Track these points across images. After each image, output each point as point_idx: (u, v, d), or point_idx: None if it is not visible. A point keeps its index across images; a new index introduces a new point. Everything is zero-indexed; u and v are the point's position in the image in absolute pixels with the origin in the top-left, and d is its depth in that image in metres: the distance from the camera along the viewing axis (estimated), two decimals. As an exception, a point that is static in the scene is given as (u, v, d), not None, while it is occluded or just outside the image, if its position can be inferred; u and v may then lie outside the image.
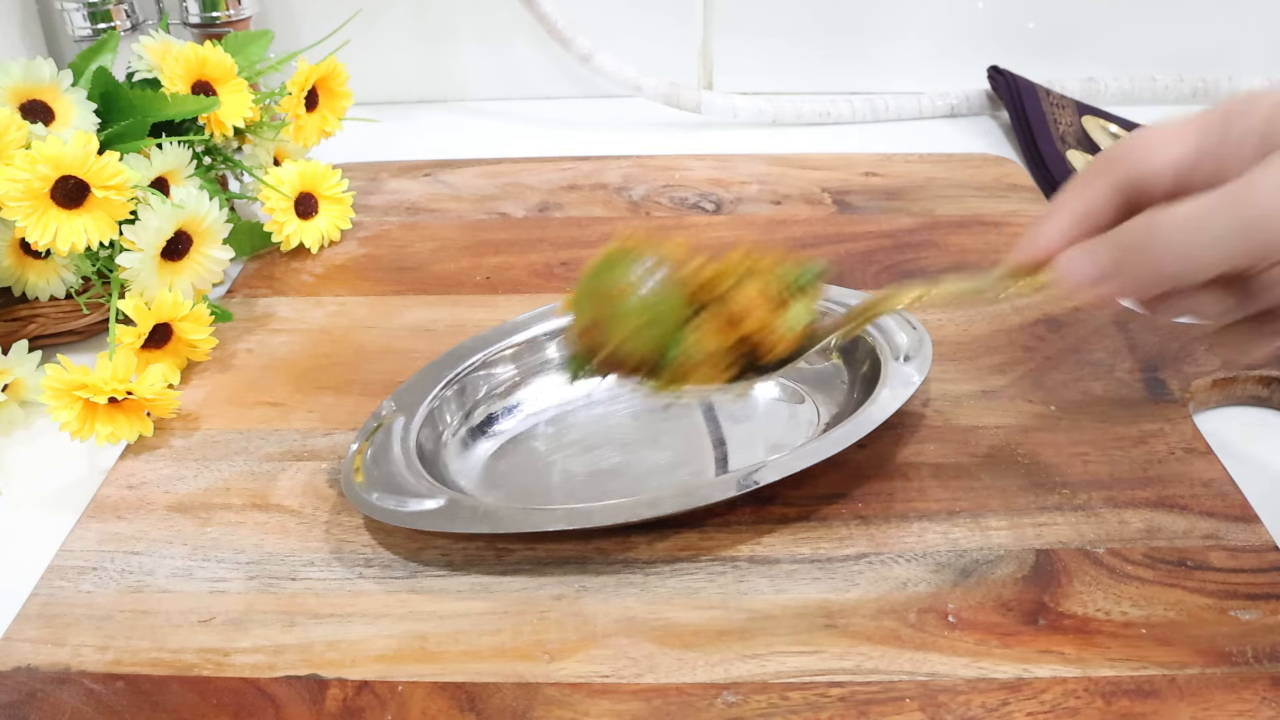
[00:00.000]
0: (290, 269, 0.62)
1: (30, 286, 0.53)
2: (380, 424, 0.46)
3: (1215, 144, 0.33)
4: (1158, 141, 0.34)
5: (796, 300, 0.37)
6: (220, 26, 0.76)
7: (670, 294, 0.36)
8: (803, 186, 0.70)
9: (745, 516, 0.43)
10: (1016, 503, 0.43)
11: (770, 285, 0.37)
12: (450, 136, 0.81)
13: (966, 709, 0.35)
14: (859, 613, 0.38)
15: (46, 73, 0.52)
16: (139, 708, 0.36)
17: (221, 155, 0.62)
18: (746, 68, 0.85)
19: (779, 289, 0.37)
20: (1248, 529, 0.41)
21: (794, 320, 0.37)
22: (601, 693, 0.36)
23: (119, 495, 0.45)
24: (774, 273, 0.37)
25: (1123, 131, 0.72)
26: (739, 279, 0.37)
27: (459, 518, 0.41)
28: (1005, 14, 0.82)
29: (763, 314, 0.37)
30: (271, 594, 0.40)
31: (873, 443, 0.45)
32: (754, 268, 0.37)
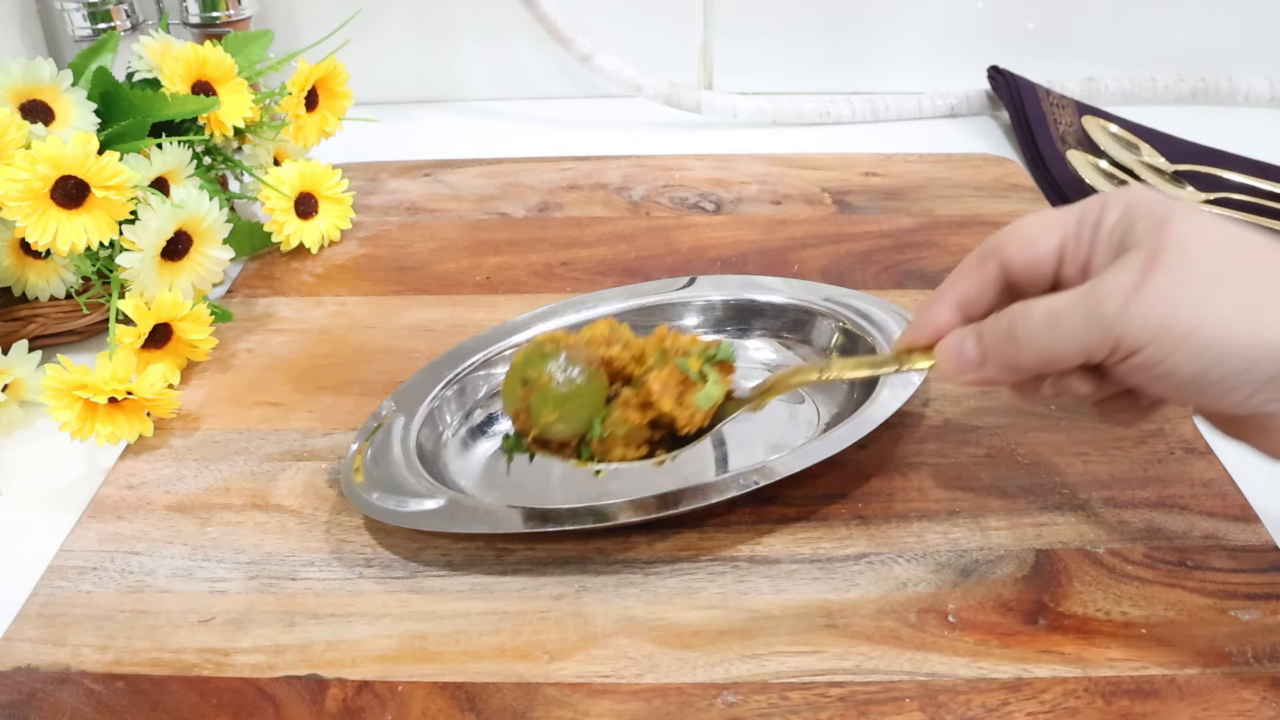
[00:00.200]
0: (290, 269, 0.62)
1: (30, 286, 0.53)
2: (380, 424, 0.46)
3: (1089, 237, 0.35)
4: (1036, 233, 0.36)
5: (710, 376, 0.41)
6: (220, 26, 0.76)
7: (588, 383, 0.40)
8: (803, 186, 0.70)
9: (745, 516, 0.43)
10: (1016, 503, 0.43)
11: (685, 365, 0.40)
12: (450, 136, 0.81)
13: (966, 709, 0.35)
14: (859, 613, 0.38)
15: (46, 73, 0.52)
16: (139, 708, 0.36)
17: (221, 155, 0.62)
18: (746, 68, 0.85)
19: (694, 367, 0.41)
20: (1248, 529, 0.41)
21: (704, 399, 0.40)
22: (601, 693, 0.36)
23: (119, 495, 0.45)
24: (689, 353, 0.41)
25: (1123, 132, 0.72)
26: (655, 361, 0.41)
27: (459, 518, 0.41)
28: (1005, 14, 0.82)
29: (675, 395, 0.40)
30: (271, 594, 0.40)
31: (873, 443, 0.45)
32: (670, 349, 0.41)
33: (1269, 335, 0.31)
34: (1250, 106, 0.82)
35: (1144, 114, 0.75)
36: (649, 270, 0.60)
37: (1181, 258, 0.32)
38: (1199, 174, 0.68)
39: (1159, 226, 0.33)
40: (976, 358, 0.36)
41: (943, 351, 0.37)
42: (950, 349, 0.37)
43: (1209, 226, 0.33)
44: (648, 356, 0.41)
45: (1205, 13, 0.81)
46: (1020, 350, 0.35)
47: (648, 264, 0.61)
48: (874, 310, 0.50)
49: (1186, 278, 0.32)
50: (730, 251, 0.62)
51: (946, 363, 0.37)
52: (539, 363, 0.39)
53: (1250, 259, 0.32)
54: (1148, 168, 0.68)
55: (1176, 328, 0.31)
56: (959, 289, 0.38)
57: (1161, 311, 0.32)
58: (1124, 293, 0.32)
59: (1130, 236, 0.34)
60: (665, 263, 0.61)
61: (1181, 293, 0.32)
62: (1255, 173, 0.67)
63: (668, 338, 0.42)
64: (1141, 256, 0.32)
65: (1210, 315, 0.31)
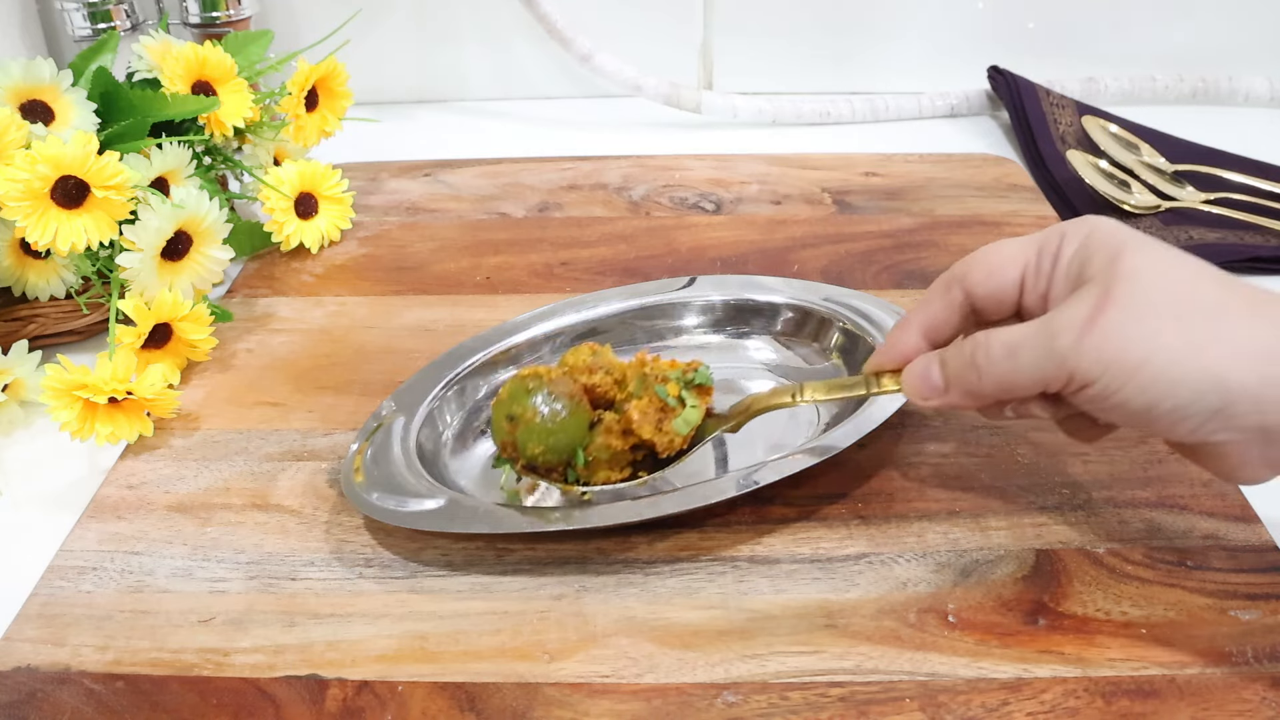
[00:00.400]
0: (290, 269, 0.62)
1: (30, 286, 0.53)
2: (380, 424, 0.46)
3: (1048, 268, 0.37)
4: (998, 264, 0.38)
5: (688, 400, 0.42)
6: (220, 26, 0.76)
7: (571, 416, 0.41)
8: (803, 186, 0.70)
9: (745, 516, 0.43)
10: (1016, 503, 0.43)
11: (663, 393, 0.42)
12: (450, 136, 0.81)
13: (966, 709, 0.35)
14: (859, 613, 0.38)
15: (46, 73, 0.52)
16: (139, 708, 0.36)
17: (221, 155, 0.62)
18: (746, 68, 0.85)
19: (673, 392, 0.42)
20: (1248, 529, 0.41)
21: (683, 425, 0.42)
22: (601, 693, 0.36)
23: (119, 495, 0.45)
24: (667, 378, 0.42)
25: (1123, 132, 0.72)
26: (635, 387, 0.42)
27: (459, 518, 0.41)
28: (1005, 14, 0.82)
29: (655, 422, 0.42)
30: (271, 594, 0.40)
31: (873, 443, 0.45)
32: (650, 374, 0.42)
33: (1215, 370, 0.32)
34: (1250, 106, 0.82)
35: (1144, 114, 0.75)
36: (649, 270, 0.60)
37: (1133, 292, 0.33)
38: (1199, 174, 0.68)
39: (1113, 261, 0.34)
40: (941, 385, 0.38)
41: (909, 377, 0.39)
42: (916, 375, 0.39)
43: (1161, 260, 0.34)
44: (629, 381, 0.43)
45: (1205, 13, 0.81)
46: (981, 379, 0.36)
47: (648, 264, 0.61)
48: (874, 310, 0.50)
49: (1137, 313, 0.33)
50: (730, 251, 0.62)
51: (913, 388, 0.39)
52: (523, 399, 0.41)
53: (1199, 293, 0.33)
54: (1148, 168, 0.68)
55: (1127, 362, 0.33)
56: (925, 315, 0.39)
57: (1113, 346, 0.33)
58: (1078, 328, 0.34)
59: (1086, 270, 0.35)
60: (665, 263, 0.61)
61: (1132, 328, 0.33)
62: (1255, 173, 0.67)
63: (648, 363, 0.43)
64: (1095, 291, 0.34)
65: (1160, 350, 0.33)
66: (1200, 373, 0.32)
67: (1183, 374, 0.33)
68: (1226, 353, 0.32)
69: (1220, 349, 0.32)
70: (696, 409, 0.42)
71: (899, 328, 0.40)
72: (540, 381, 0.41)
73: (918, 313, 0.40)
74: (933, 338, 0.40)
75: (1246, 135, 0.72)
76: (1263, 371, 0.32)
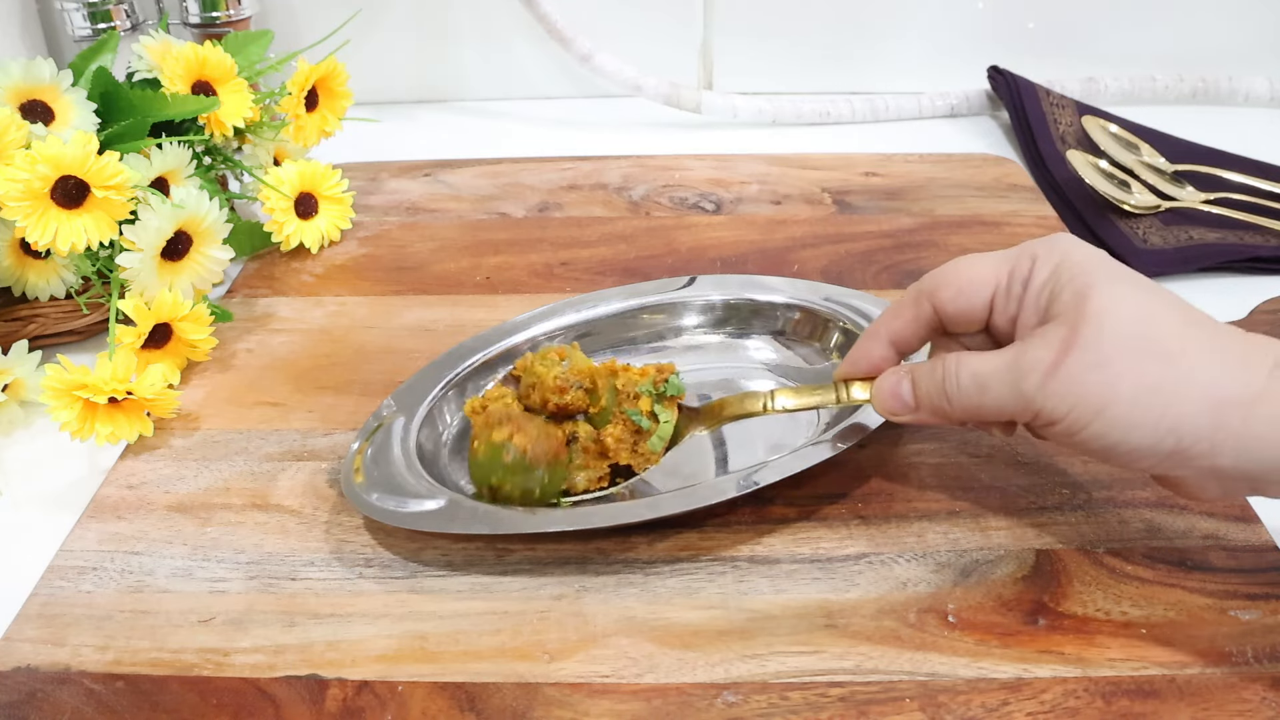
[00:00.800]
0: (290, 269, 0.62)
1: (30, 286, 0.53)
2: (380, 424, 0.46)
3: (1018, 293, 0.37)
4: (969, 284, 0.38)
5: (662, 415, 0.43)
6: (220, 26, 0.76)
7: (549, 478, 0.42)
8: (803, 186, 0.70)
9: (745, 516, 0.43)
10: (1016, 503, 0.43)
11: (637, 417, 0.43)
12: (450, 136, 0.81)
13: (966, 709, 0.35)
14: (859, 613, 0.38)
15: (46, 73, 0.52)
16: (139, 708, 0.36)
17: (221, 155, 0.62)
18: (746, 68, 0.85)
19: (645, 409, 0.43)
20: (1248, 529, 0.41)
21: (657, 442, 0.43)
22: (601, 693, 0.36)
23: (119, 495, 0.45)
24: (638, 394, 0.43)
25: (1123, 132, 0.72)
26: (608, 400, 0.43)
27: (459, 518, 0.41)
28: (1005, 14, 0.82)
29: (630, 445, 0.43)
30: (271, 594, 0.40)
31: (873, 443, 0.46)
32: (623, 390, 0.43)
33: (1171, 417, 0.33)
34: (1250, 106, 0.82)
35: (1144, 114, 0.75)
36: (649, 270, 0.60)
37: (1097, 336, 0.34)
38: (1199, 174, 0.68)
39: (1080, 299, 0.35)
40: (911, 403, 0.39)
41: (880, 393, 0.40)
42: (887, 392, 0.40)
43: (1126, 300, 0.35)
44: (600, 393, 0.43)
45: (1205, 13, 0.81)
46: (950, 405, 0.38)
47: (648, 264, 0.61)
48: (874, 310, 0.50)
49: (1099, 358, 0.34)
50: (730, 251, 0.62)
51: (883, 403, 0.40)
52: (500, 471, 0.41)
53: (1160, 335, 0.34)
54: (1148, 168, 0.68)
55: (1088, 407, 0.34)
56: (893, 326, 0.40)
57: (1075, 392, 0.34)
58: (1042, 371, 0.35)
59: (1054, 305, 0.36)
60: (665, 263, 0.61)
61: (1093, 374, 0.34)
62: (1255, 173, 0.67)
63: (618, 372, 0.44)
64: (1061, 333, 0.35)
65: (1118, 398, 0.34)
66: (1156, 420, 0.34)
67: (1140, 420, 0.34)
68: (1182, 400, 0.33)
69: (1176, 396, 0.34)
70: (669, 423, 0.43)
71: (867, 337, 0.41)
72: (514, 442, 0.41)
73: (886, 323, 0.41)
74: (901, 347, 0.41)
75: (1246, 135, 0.72)
76: (1216, 419, 0.33)
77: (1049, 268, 0.36)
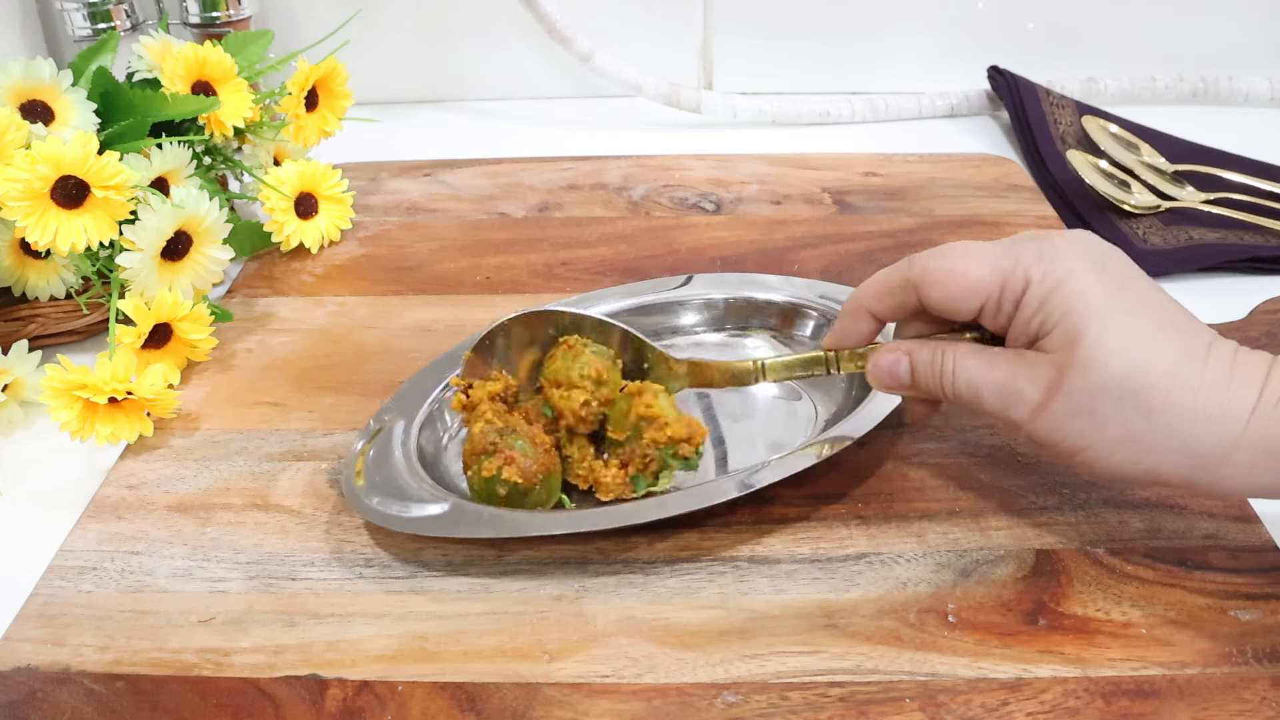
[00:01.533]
0: (290, 269, 0.62)
1: (30, 286, 0.53)
2: (381, 428, 0.45)
3: (1009, 311, 0.37)
4: (958, 289, 0.38)
5: (664, 474, 0.43)
6: (220, 26, 0.76)
7: (545, 487, 0.42)
8: (803, 186, 0.70)
9: (745, 516, 0.42)
10: (1016, 503, 0.43)
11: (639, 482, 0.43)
12: (450, 136, 0.81)
13: (966, 709, 0.35)
14: (859, 613, 0.38)
15: (46, 73, 0.52)
16: (139, 708, 0.36)
17: (221, 155, 0.62)
18: (746, 68, 0.85)
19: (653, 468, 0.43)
20: (1248, 529, 0.41)
21: (641, 485, 0.43)
22: (601, 693, 0.36)
23: (119, 495, 0.45)
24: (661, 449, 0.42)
25: (1123, 132, 0.72)
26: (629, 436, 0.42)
27: (463, 522, 0.40)
28: (1005, 14, 0.82)
29: (620, 488, 0.43)
30: (271, 594, 0.40)
31: (872, 443, 0.46)
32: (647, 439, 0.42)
33: (1148, 463, 0.35)
34: (1250, 106, 0.82)
35: (1144, 114, 0.75)
36: (649, 270, 0.60)
37: (1082, 385, 0.35)
38: (1199, 174, 0.68)
39: (1069, 342, 0.35)
40: (908, 383, 0.40)
41: (877, 368, 0.41)
42: (885, 369, 0.40)
43: (1115, 352, 0.35)
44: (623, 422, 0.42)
45: (1205, 13, 0.81)
46: (944, 395, 0.39)
47: (648, 264, 0.61)
48: None
49: (1082, 407, 0.35)
50: (730, 251, 0.62)
51: (880, 379, 0.41)
52: (498, 502, 0.41)
53: (1148, 385, 0.35)
54: (1148, 168, 0.68)
55: (1070, 446, 0.36)
56: (877, 307, 0.41)
57: (1059, 432, 0.36)
58: (1030, 408, 0.36)
59: (1044, 340, 0.36)
60: (665, 262, 0.61)
61: (1075, 421, 0.36)
62: (1255, 173, 0.67)
63: (639, 403, 0.42)
64: (1049, 375, 0.36)
65: (1099, 443, 0.35)
66: (1134, 464, 0.35)
67: (1120, 463, 0.36)
68: (1160, 452, 0.35)
69: (1154, 449, 0.35)
70: (669, 479, 0.43)
71: (852, 314, 0.41)
72: (505, 476, 0.41)
73: (870, 301, 0.41)
74: (885, 321, 0.41)
75: (1246, 135, 0.72)
76: (1191, 471, 0.35)
77: (1041, 294, 0.36)
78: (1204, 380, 0.34)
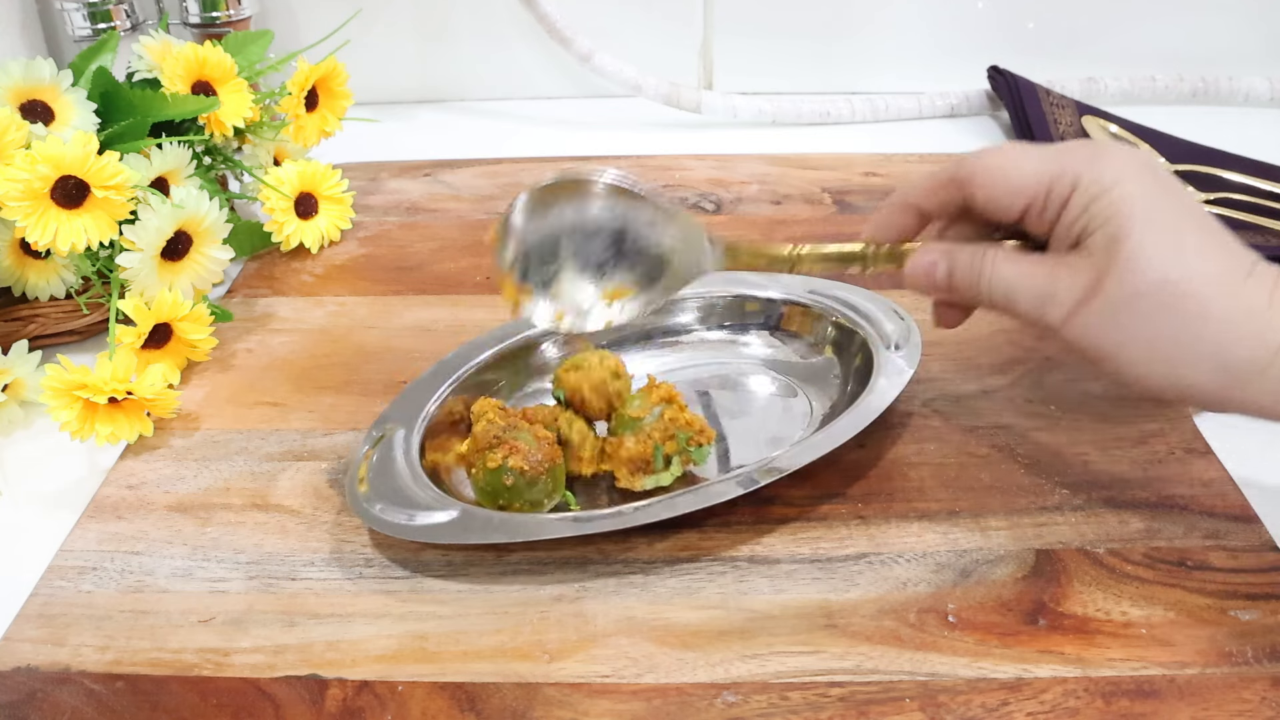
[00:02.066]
0: (290, 269, 0.62)
1: (30, 286, 0.53)
2: (383, 435, 0.45)
3: (1053, 214, 0.38)
4: (1004, 190, 0.38)
5: (673, 465, 0.43)
6: (220, 26, 0.76)
7: (552, 479, 0.42)
8: (803, 186, 0.70)
9: (745, 516, 0.43)
10: (1016, 503, 0.43)
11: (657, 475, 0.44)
12: (450, 136, 0.81)
13: (966, 709, 0.35)
14: (859, 613, 0.38)
15: (46, 73, 0.52)
16: (139, 708, 0.36)
17: (221, 155, 0.62)
18: (746, 68, 0.85)
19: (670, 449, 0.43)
20: (1248, 529, 0.41)
21: (652, 482, 0.43)
22: (601, 693, 0.36)
23: (119, 495, 0.45)
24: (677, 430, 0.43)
25: (1123, 132, 0.72)
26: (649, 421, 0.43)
27: (472, 529, 0.40)
28: (1005, 14, 0.82)
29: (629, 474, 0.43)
30: (271, 594, 0.40)
31: (872, 442, 0.46)
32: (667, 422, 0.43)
33: (1178, 375, 0.35)
34: (1250, 106, 0.82)
35: (1144, 114, 0.75)
36: (649, 270, 0.60)
37: (1120, 288, 0.35)
38: (1199, 174, 0.68)
39: (1111, 245, 0.35)
40: (944, 284, 0.40)
41: (915, 267, 0.41)
42: (922, 268, 0.41)
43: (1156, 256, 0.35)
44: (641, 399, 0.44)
45: (1205, 13, 0.81)
46: (979, 297, 0.39)
47: (648, 264, 0.61)
48: (858, 301, 0.50)
49: (1119, 310, 0.35)
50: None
51: (916, 279, 0.41)
52: (505, 494, 0.42)
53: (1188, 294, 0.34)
54: (1148, 168, 0.68)
55: (1102, 350, 0.36)
56: (925, 200, 0.41)
57: (1092, 337, 0.36)
58: (1066, 310, 0.36)
59: (1087, 240, 0.36)
60: (665, 263, 0.61)
61: (1110, 324, 0.35)
62: (1255, 173, 0.67)
63: (661, 389, 0.44)
64: (1088, 276, 0.36)
65: (1131, 351, 0.35)
66: (1165, 375, 0.35)
67: (1151, 372, 0.35)
68: (1192, 363, 0.35)
69: (1186, 361, 0.35)
70: (676, 473, 0.43)
71: (895, 206, 0.41)
72: (511, 465, 0.41)
73: (917, 197, 0.41)
74: (926, 218, 0.42)
75: (1246, 135, 0.72)
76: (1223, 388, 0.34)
77: (1087, 197, 0.36)
78: (1244, 294, 0.34)
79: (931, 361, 0.50)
